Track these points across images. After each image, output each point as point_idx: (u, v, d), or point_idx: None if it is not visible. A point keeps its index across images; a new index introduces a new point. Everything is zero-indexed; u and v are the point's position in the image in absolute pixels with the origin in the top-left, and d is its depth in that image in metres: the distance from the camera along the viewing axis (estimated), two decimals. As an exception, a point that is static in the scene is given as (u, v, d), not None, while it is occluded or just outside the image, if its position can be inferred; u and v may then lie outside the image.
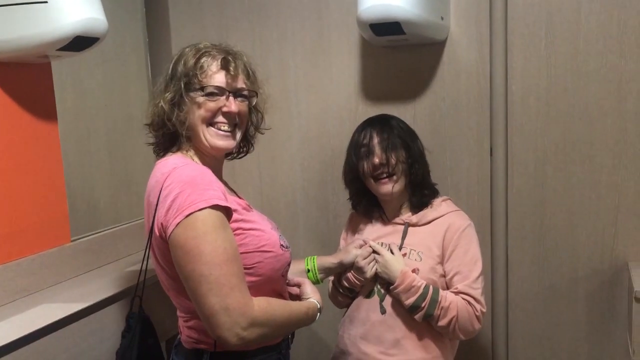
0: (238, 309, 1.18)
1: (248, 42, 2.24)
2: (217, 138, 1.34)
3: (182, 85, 1.30)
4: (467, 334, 1.59)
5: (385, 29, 1.71)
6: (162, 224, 1.22)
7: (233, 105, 1.33)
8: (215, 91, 1.32)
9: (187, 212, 1.18)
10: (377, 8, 1.64)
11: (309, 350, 2.31)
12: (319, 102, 2.19)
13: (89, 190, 2.09)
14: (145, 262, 1.41)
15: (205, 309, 1.17)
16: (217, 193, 1.23)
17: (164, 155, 1.38)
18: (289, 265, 1.41)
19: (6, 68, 1.64)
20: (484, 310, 1.59)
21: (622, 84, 1.82)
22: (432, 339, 1.62)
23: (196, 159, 1.36)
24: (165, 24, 2.34)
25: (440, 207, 1.68)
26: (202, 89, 1.31)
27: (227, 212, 1.23)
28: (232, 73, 1.33)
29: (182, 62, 1.33)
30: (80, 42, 1.55)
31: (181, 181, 1.23)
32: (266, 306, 1.24)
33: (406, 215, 1.70)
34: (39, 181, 1.76)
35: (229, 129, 1.35)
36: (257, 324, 1.20)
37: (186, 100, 1.31)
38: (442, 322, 1.56)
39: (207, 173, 1.28)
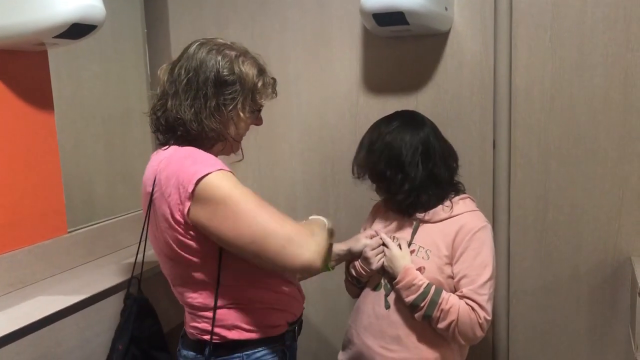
0: (298, 233, 1.23)
1: (247, 32, 2.21)
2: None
3: (241, 99, 1.34)
4: (468, 340, 1.55)
5: (389, 19, 1.69)
6: (179, 207, 1.24)
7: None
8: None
9: (195, 180, 1.21)
10: (381, -3, 1.62)
11: (319, 341, 2.30)
12: (320, 93, 2.17)
13: (85, 181, 2.08)
14: (143, 244, 1.43)
15: (271, 253, 1.21)
16: (217, 162, 1.28)
17: (166, 143, 1.39)
18: None
19: (1, 56, 1.62)
20: (489, 318, 1.53)
21: (627, 77, 1.80)
22: (435, 340, 1.58)
23: None
24: (164, 13, 2.31)
25: (457, 205, 1.62)
26: (258, 108, 1.41)
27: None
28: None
29: (241, 74, 1.34)
30: (77, 30, 1.53)
31: (179, 158, 1.28)
32: (307, 225, 1.30)
33: (420, 211, 1.66)
34: (35, 172, 1.74)
35: None
36: (318, 236, 1.27)
37: (237, 111, 1.35)
38: (441, 325, 1.52)
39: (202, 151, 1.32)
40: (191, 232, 1.27)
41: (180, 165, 1.27)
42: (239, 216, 1.21)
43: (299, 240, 1.22)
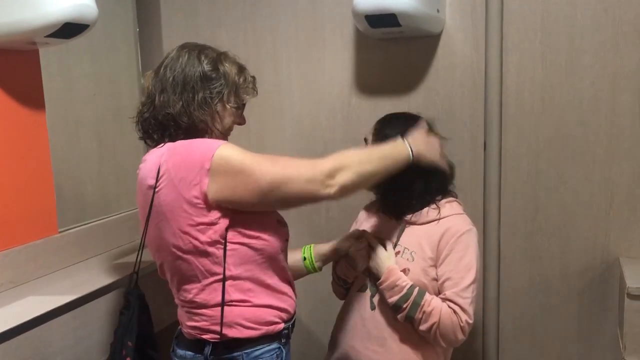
0: (310, 169, 1.30)
1: (240, 32, 2.21)
2: None
3: (226, 92, 1.39)
4: (449, 342, 1.55)
5: (381, 21, 1.70)
6: (195, 188, 1.28)
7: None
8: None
9: (210, 155, 1.26)
10: (373, -1, 1.63)
11: (307, 342, 2.29)
12: (312, 94, 2.17)
13: (77, 181, 2.06)
14: (142, 239, 1.43)
15: (293, 195, 1.30)
16: (218, 139, 1.35)
17: (158, 143, 1.40)
18: (286, 241, 1.48)
19: (-7, 54, 1.61)
20: (470, 321, 1.53)
21: (616, 80, 1.82)
22: (420, 343, 1.58)
23: None
24: (156, 13, 2.30)
25: (444, 208, 1.62)
26: (242, 103, 1.45)
27: None
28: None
29: (224, 70, 1.40)
30: (69, 29, 1.52)
31: (182, 145, 1.33)
32: (338, 154, 1.35)
33: (408, 213, 1.66)
34: (26, 171, 1.73)
35: None
36: (337, 168, 1.31)
37: (222, 105, 1.40)
38: (423, 327, 1.52)
39: None
40: (204, 216, 1.29)
41: (187, 149, 1.31)
42: (258, 178, 1.28)
43: (312, 179, 1.29)
